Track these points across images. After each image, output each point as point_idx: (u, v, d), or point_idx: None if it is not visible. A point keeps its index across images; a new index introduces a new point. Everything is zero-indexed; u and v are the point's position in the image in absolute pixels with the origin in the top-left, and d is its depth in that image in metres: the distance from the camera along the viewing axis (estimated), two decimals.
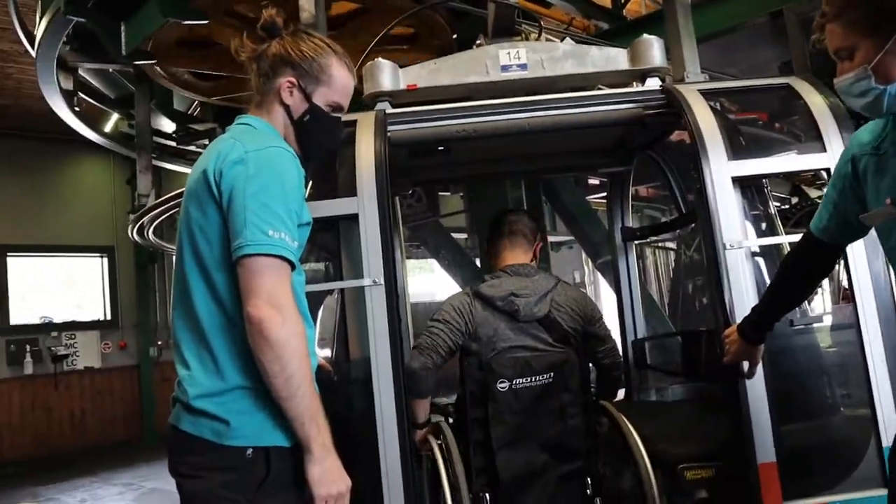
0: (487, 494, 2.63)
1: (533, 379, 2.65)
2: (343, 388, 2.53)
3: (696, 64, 4.64)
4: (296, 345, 1.54)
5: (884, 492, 2.37)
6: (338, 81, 1.81)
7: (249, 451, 1.59)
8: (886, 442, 2.33)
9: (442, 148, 3.27)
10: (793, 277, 2.02)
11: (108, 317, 10.33)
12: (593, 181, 7.47)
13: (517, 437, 2.64)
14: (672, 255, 9.12)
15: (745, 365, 2.20)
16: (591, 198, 7.21)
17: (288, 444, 1.62)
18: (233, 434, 1.58)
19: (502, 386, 2.63)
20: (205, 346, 1.62)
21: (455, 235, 7.72)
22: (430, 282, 11.20)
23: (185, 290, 1.66)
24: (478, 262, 6.28)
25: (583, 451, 2.72)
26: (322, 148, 1.90)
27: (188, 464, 1.61)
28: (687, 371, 3.38)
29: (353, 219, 2.45)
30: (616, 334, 3.88)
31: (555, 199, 6.20)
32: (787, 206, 11.01)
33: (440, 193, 8.73)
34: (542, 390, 2.67)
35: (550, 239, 11.17)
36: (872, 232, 1.73)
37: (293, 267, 1.62)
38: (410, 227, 6.16)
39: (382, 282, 2.37)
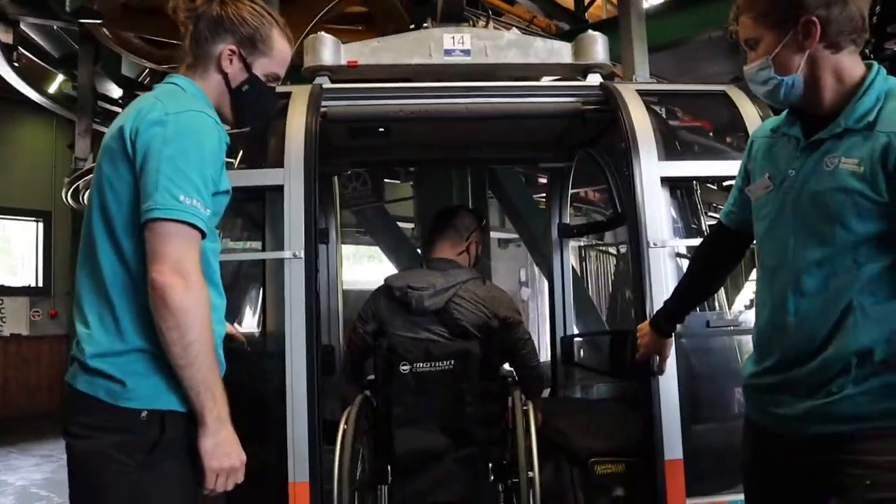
0: (389, 467, 2.73)
1: (433, 364, 2.75)
2: (257, 358, 2.49)
3: (646, 68, 4.73)
4: (197, 313, 1.50)
5: None
6: (278, 53, 1.78)
7: (144, 413, 1.55)
8: None
9: (382, 129, 3.24)
10: (702, 267, 2.05)
11: (40, 284, 10.00)
12: (543, 179, 7.54)
13: (415, 417, 2.75)
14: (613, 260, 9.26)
15: (657, 360, 2.23)
16: (540, 196, 7.26)
17: (184, 410, 1.58)
18: (128, 395, 1.54)
19: (404, 368, 2.75)
20: (106, 306, 1.58)
21: (403, 225, 7.70)
22: (379, 270, 11.13)
23: (91, 247, 1.62)
24: (419, 250, 6.27)
25: (481, 437, 2.79)
26: (256, 117, 1.89)
27: (80, 424, 1.57)
28: (612, 370, 3.42)
29: (279, 190, 2.40)
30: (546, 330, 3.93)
31: (500, 194, 6.23)
32: None
33: (390, 181, 8.71)
34: (442, 376, 2.76)
35: (499, 235, 11.24)
36: None
37: (203, 235, 1.58)
38: (355, 210, 6.13)
39: (303, 255, 2.33)
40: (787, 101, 1.60)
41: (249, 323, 3.09)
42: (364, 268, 12.19)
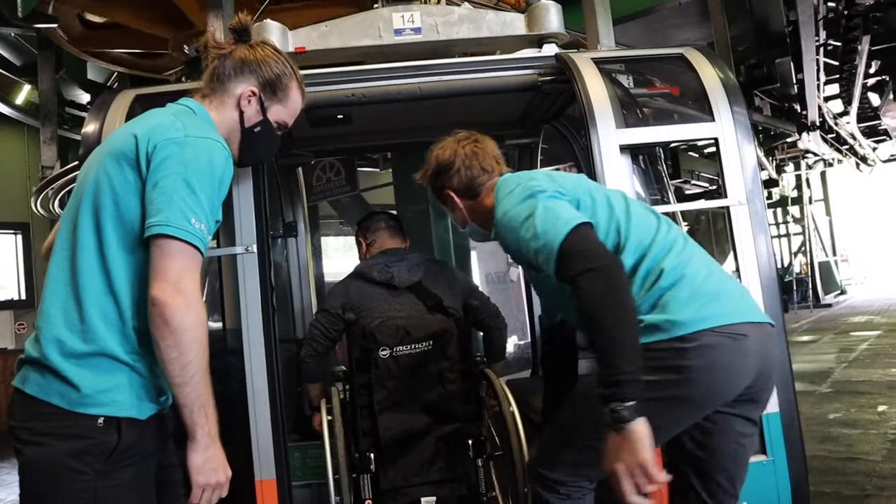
0: (372, 454, 2.71)
1: (413, 346, 2.75)
2: (218, 356, 2.44)
3: (611, 38, 4.66)
4: (196, 333, 1.51)
5: (763, 458, 2.47)
6: (292, 104, 1.88)
7: (101, 420, 1.52)
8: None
9: (341, 116, 3.19)
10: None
11: (23, 296, 9.90)
12: None
13: (398, 400, 2.75)
14: None
15: None
16: None
17: (143, 418, 1.57)
18: (83, 401, 1.50)
19: (384, 353, 2.74)
20: (74, 305, 1.55)
21: None
22: None
23: (71, 242, 1.59)
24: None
25: (461, 414, 2.80)
26: (258, 158, 1.97)
27: (31, 430, 1.52)
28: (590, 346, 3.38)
29: None
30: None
31: None
32: (714, 187, 11.22)
33: (370, 169, 8.64)
34: (421, 357, 2.76)
35: None
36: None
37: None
38: (331, 200, 6.07)
39: (255, 250, 2.28)
40: (483, 239, 2.20)
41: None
42: (354, 258, 12.10)
